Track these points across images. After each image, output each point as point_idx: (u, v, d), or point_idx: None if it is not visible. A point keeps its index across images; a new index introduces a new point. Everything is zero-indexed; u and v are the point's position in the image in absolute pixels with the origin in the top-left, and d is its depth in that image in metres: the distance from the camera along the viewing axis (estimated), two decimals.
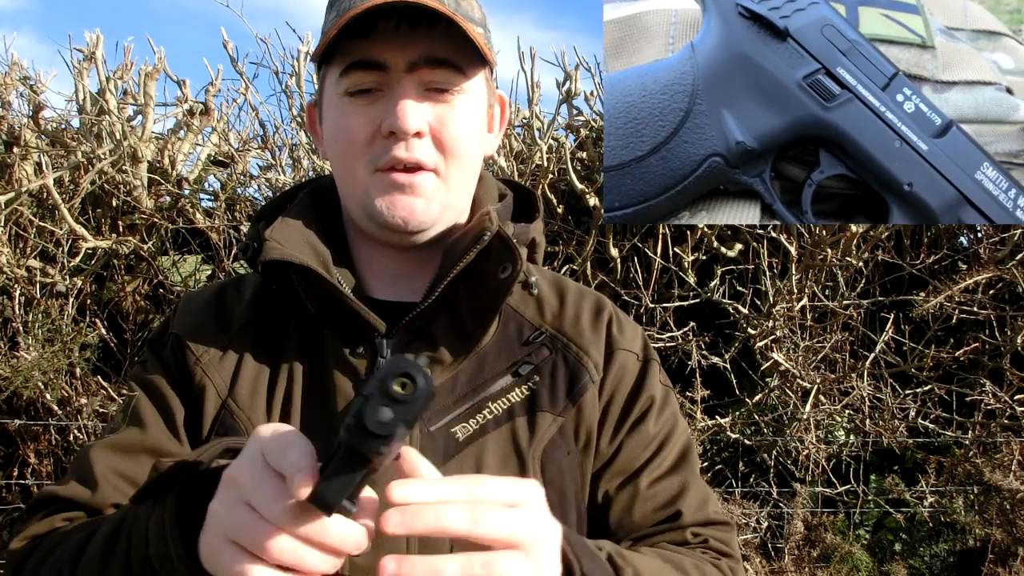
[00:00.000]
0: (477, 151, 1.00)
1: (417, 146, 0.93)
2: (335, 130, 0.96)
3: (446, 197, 0.97)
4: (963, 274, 3.98)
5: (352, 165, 0.95)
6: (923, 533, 3.94)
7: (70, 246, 3.90)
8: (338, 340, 0.95)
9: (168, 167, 4.30)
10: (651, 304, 3.93)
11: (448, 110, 0.94)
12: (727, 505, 3.71)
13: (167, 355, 0.99)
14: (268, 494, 0.63)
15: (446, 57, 0.93)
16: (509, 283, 0.94)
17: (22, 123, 4.07)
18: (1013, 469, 3.78)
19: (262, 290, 1.02)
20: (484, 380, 0.95)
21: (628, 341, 1.03)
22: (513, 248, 0.94)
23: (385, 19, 0.90)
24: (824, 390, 4.00)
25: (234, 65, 4.29)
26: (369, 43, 0.91)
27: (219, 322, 1.00)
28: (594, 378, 0.98)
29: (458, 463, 0.91)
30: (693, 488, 0.98)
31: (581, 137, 4.42)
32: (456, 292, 0.96)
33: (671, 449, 1.00)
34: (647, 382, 1.01)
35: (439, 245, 0.99)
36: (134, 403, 0.96)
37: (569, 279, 1.11)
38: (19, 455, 3.71)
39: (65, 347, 3.64)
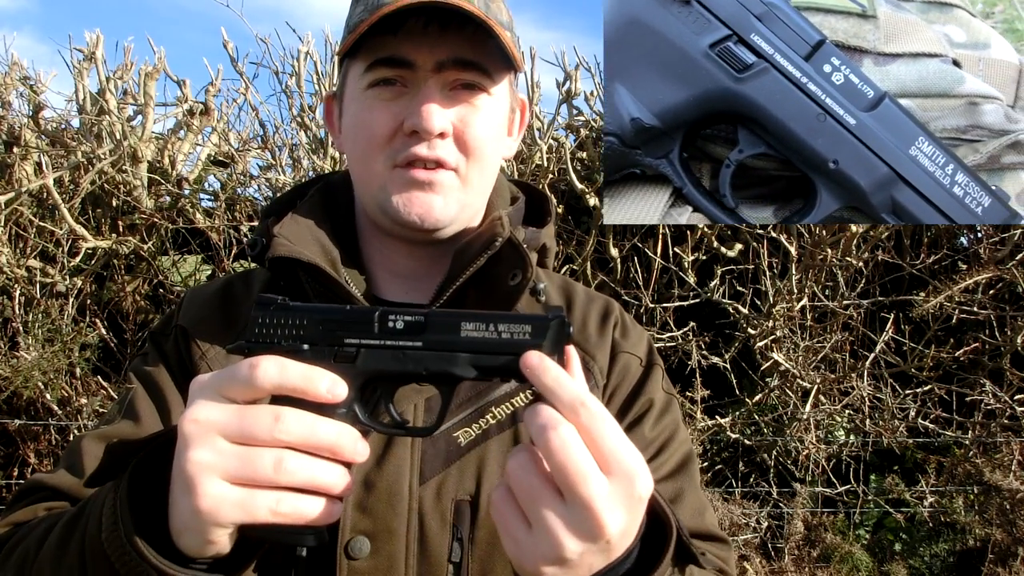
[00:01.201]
0: (497, 153, 1.00)
1: (439, 145, 0.93)
2: (356, 123, 0.96)
3: (464, 197, 0.96)
4: (963, 274, 3.98)
5: (370, 159, 0.95)
6: (923, 533, 3.94)
7: (70, 246, 3.90)
8: None
9: (168, 167, 4.30)
10: (651, 304, 3.93)
11: (472, 111, 0.94)
12: (727, 505, 3.71)
13: (169, 348, 0.98)
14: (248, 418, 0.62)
15: (474, 59, 0.92)
16: (519, 290, 0.93)
17: (22, 123, 4.07)
18: (1013, 469, 3.78)
19: (269, 286, 1.01)
20: (487, 385, 0.95)
21: (632, 345, 1.03)
22: (524, 255, 0.93)
23: (414, 18, 0.90)
24: (824, 390, 4.00)
25: (234, 65, 4.30)
26: (397, 40, 0.91)
27: (225, 317, 0.99)
28: (599, 383, 0.98)
29: (459, 468, 0.90)
30: (689, 496, 0.97)
31: (581, 137, 4.42)
32: (465, 296, 0.96)
33: (670, 456, 0.98)
34: (648, 386, 1.01)
35: (451, 244, 0.98)
36: (131, 396, 0.95)
37: (579, 284, 1.11)
38: (19, 455, 3.71)
39: (65, 347, 3.64)
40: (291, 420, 0.61)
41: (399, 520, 0.86)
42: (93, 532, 0.69)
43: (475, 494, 0.88)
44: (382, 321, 0.67)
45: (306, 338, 0.67)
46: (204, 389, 0.65)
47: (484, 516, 0.87)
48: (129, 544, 0.65)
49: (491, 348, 0.65)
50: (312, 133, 4.24)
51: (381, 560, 0.84)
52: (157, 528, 0.66)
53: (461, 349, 0.66)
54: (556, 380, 0.62)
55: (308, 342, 0.67)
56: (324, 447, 0.62)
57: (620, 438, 0.63)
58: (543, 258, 1.07)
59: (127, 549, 0.65)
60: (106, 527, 0.67)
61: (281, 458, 0.61)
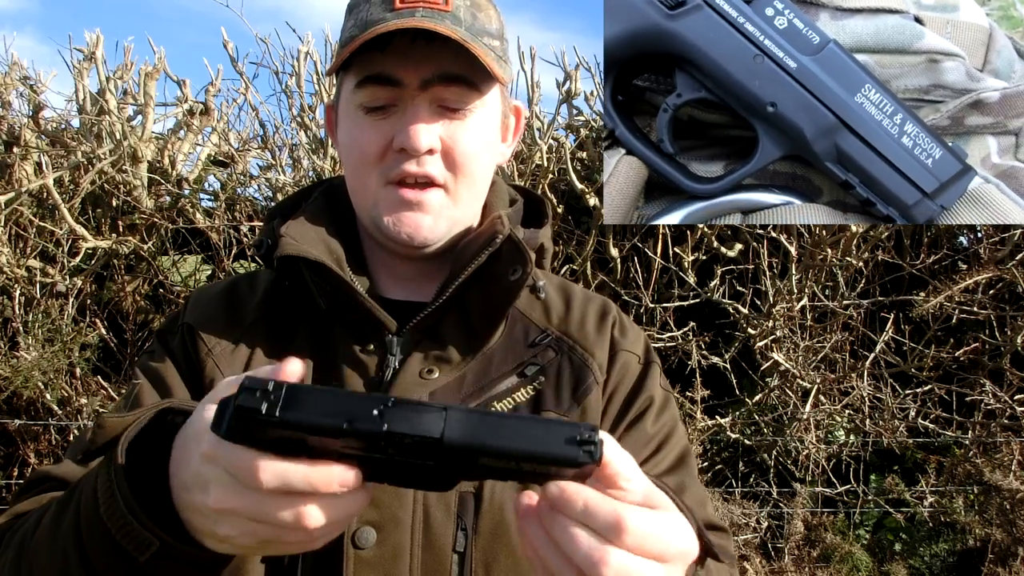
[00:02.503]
0: (489, 164, 1.02)
1: (428, 162, 0.95)
2: (348, 140, 0.99)
3: (454, 213, 0.99)
4: (963, 274, 3.98)
5: (364, 177, 0.98)
6: (923, 533, 3.94)
7: (70, 246, 3.90)
8: (349, 337, 0.96)
9: (168, 167, 4.30)
10: (651, 304, 3.93)
11: (460, 128, 0.96)
12: (727, 505, 3.71)
13: (176, 345, 0.99)
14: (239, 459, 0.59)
15: (460, 74, 0.94)
16: (519, 285, 0.96)
17: (22, 123, 4.08)
18: (1013, 469, 3.78)
19: (274, 287, 1.03)
20: (490, 380, 0.96)
21: (631, 343, 1.05)
22: (524, 251, 0.96)
23: (401, 34, 0.91)
24: (824, 390, 4.00)
25: (234, 65, 4.30)
26: (384, 57, 0.93)
27: (231, 316, 1.01)
28: (598, 379, 0.99)
29: None
30: (691, 489, 1.00)
31: (581, 137, 4.42)
32: (467, 293, 0.98)
33: (669, 451, 1.01)
34: (647, 383, 1.03)
35: (448, 253, 1.01)
36: (136, 391, 0.96)
37: (575, 284, 1.13)
38: (19, 455, 3.71)
39: (65, 347, 3.64)
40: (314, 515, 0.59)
41: (404, 510, 0.87)
42: (89, 505, 0.68)
43: (479, 486, 0.89)
44: (389, 439, 0.57)
45: (301, 449, 0.59)
46: (212, 463, 0.61)
47: (487, 507, 0.88)
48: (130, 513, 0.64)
49: (510, 475, 0.60)
50: (312, 133, 4.25)
51: (387, 550, 0.86)
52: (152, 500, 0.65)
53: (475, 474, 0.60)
54: (586, 504, 0.58)
55: (305, 453, 0.59)
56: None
57: (663, 528, 0.60)
58: (541, 259, 1.08)
59: (128, 520, 0.64)
60: (103, 499, 0.66)
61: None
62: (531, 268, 0.95)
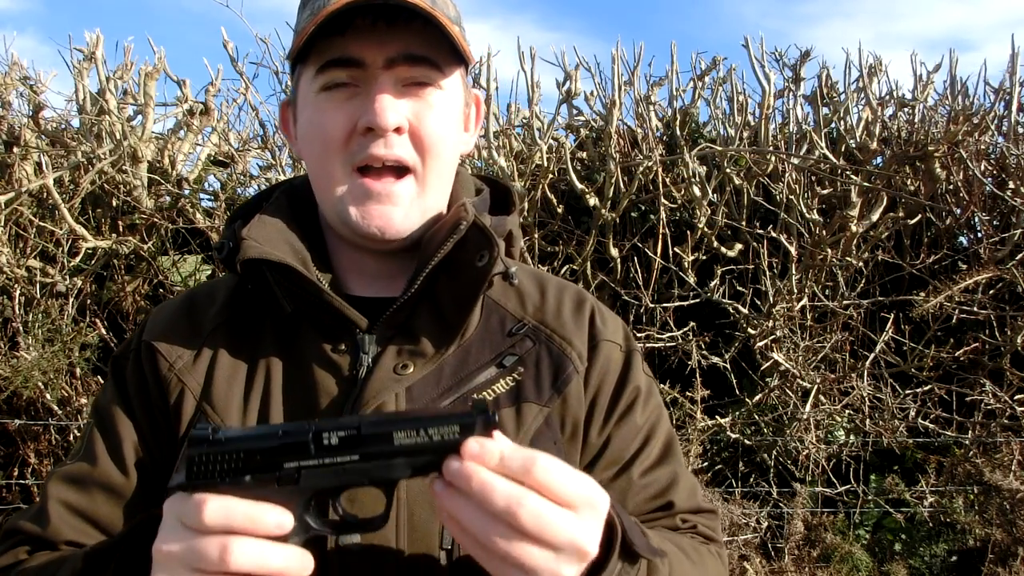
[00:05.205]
0: (454, 149, 1.00)
1: (396, 142, 0.92)
2: (310, 128, 0.95)
3: (424, 203, 0.97)
4: (963, 274, 3.98)
5: (328, 164, 0.95)
6: (923, 533, 3.94)
7: (70, 246, 3.90)
8: (318, 337, 0.95)
9: (168, 167, 4.30)
10: (651, 304, 3.93)
11: (425, 107, 0.94)
12: (727, 505, 3.71)
13: (130, 371, 0.98)
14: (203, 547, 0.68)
15: (424, 54, 0.92)
16: (487, 270, 0.94)
17: (22, 123, 4.08)
18: (1013, 469, 3.78)
19: (236, 291, 1.01)
20: (469, 372, 0.95)
21: (611, 332, 1.03)
22: (490, 236, 0.93)
23: (361, 16, 0.90)
24: (824, 390, 4.00)
25: (234, 65, 4.30)
26: (345, 40, 0.91)
27: (191, 326, 0.99)
28: (578, 368, 0.98)
29: None
30: (683, 478, 1.01)
31: (581, 137, 4.43)
32: (436, 284, 0.96)
33: (658, 439, 1.01)
34: (632, 373, 1.02)
35: (416, 245, 0.98)
36: (88, 434, 0.96)
37: (549, 273, 1.11)
38: (19, 455, 3.71)
39: (65, 347, 3.64)
40: (239, 552, 0.68)
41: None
42: None
43: None
44: (317, 441, 0.70)
45: (245, 469, 0.70)
46: (169, 514, 0.72)
47: None
48: None
49: (425, 450, 0.70)
50: None
51: (371, 549, 0.86)
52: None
53: (396, 455, 0.70)
54: (502, 455, 0.68)
55: (249, 472, 0.70)
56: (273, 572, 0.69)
57: (570, 476, 0.70)
58: (509, 247, 1.05)
59: None
60: None
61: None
62: (498, 252, 0.93)
